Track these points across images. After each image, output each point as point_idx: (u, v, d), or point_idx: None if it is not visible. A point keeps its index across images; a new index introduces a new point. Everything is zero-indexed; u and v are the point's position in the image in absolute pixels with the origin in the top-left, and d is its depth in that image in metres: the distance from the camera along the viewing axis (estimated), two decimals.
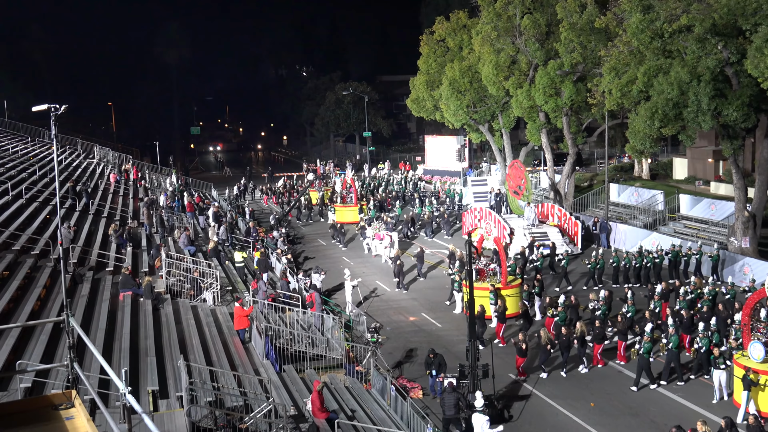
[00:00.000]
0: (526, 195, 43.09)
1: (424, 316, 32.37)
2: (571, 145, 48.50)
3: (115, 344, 21.42)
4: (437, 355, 23.60)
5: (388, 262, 40.40)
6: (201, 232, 44.74)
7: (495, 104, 53.80)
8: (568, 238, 42.28)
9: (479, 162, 74.88)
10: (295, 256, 44.08)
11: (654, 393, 23.24)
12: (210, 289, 29.20)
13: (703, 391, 23.14)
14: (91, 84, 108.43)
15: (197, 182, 71.83)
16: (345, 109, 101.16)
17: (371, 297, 35.40)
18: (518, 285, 31.74)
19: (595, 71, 43.58)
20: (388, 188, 62.85)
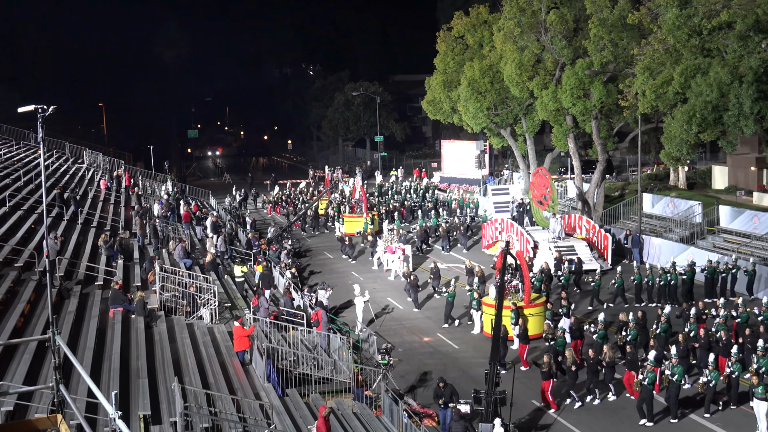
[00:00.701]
0: (552, 205, 42.98)
1: (439, 337, 32.29)
2: (601, 152, 48.37)
3: (105, 365, 21.44)
4: (447, 385, 23.41)
5: (400, 278, 40.35)
6: (198, 243, 44.83)
7: (518, 106, 53.75)
8: (597, 253, 42.12)
9: (500, 169, 74.79)
10: (300, 270, 44.11)
11: (692, 424, 23.05)
12: (207, 306, 29.22)
13: (745, 421, 22.95)
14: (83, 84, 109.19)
15: (194, 190, 72.07)
16: (355, 111, 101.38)
17: (382, 315, 35.35)
18: (542, 303, 31.62)
19: (628, 71, 43.50)
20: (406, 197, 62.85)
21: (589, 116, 47.04)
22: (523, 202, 51.76)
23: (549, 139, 63.34)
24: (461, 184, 70.99)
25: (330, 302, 34.99)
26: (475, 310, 32.56)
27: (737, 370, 23.60)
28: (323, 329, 28.68)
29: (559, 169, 69.98)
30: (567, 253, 40.73)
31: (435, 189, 68.35)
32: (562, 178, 65.88)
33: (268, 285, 35.40)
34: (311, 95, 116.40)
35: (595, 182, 49.52)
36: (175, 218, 47.61)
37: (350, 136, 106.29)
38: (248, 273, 39.26)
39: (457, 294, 34.06)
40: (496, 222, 46.38)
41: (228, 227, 49.88)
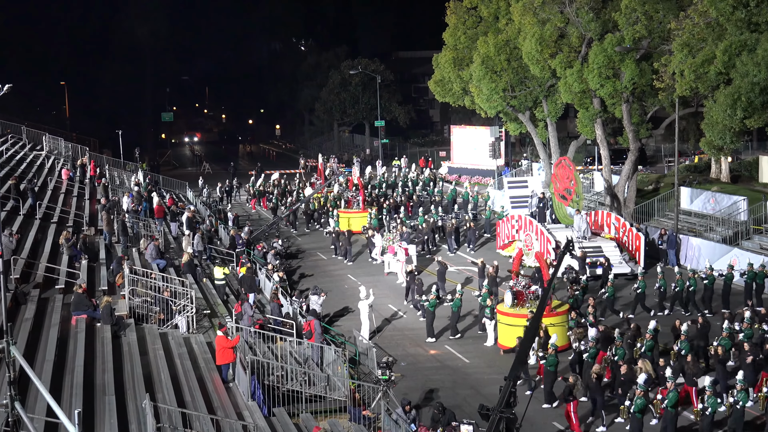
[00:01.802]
0: (576, 200, 42.94)
1: (447, 349, 32.25)
2: (633, 140, 48.31)
3: (66, 379, 21.42)
4: (445, 411, 23.40)
5: (403, 282, 40.34)
6: (173, 242, 44.78)
7: (538, 88, 53.66)
8: (628, 255, 42.10)
9: (518, 159, 74.74)
10: (289, 273, 44.08)
11: None
12: (183, 313, 29.19)
13: None
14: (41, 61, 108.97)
15: (169, 181, 72.02)
16: (352, 92, 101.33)
17: (384, 324, 35.34)
18: (565, 312, 31.59)
19: (664, 48, 43.41)
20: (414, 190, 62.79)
21: (620, 99, 46.96)
22: (543, 196, 51.72)
23: (573, 125, 63.25)
24: (473, 175, 70.95)
25: (323, 309, 34.99)
26: (489, 320, 32.53)
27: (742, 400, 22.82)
28: (317, 340, 28.65)
29: (584, 159, 69.89)
30: (593, 255, 40.70)
31: (442, 181, 68.26)
32: (588, 169, 65.78)
33: (250, 289, 35.38)
34: (303, 74, 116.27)
35: (625, 174, 49.45)
36: (147, 213, 47.58)
37: (347, 121, 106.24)
38: (230, 275, 39.25)
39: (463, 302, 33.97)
40: (513, 219, 46.34)
41: (207, 223, 49.85)
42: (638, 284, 35.03)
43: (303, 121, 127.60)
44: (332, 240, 49.50)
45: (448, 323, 34.16)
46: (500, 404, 18.85)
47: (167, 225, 47.37)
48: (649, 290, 35.07)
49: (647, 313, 34.27)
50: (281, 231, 54.76)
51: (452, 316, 33.58)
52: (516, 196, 55.84)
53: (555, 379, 26.45)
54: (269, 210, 62.67)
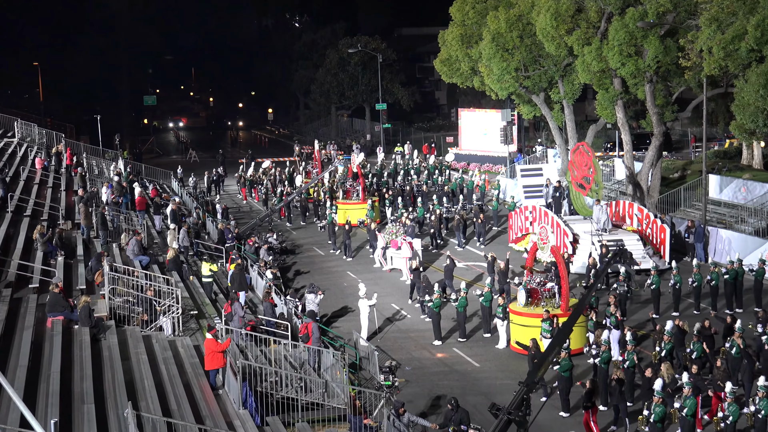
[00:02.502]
0: (596, 189, 42.89)
1: (456, 352, 32.26)
2: (657, 123, 48.24)
3: (41, 386, 21.42)
4: (460, 408, 23.39)
5: (406, 280, 40.36)
6: (157, 236, 44.75)
7: (554, 67, 53.58)
8: (652, 249, 42.07)
9: (532, 145, 74.71)
10: (284, 269, 44.08)
11: None
12: (168, 314, 29.19)
13: None
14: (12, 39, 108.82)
15: (152, 170, 72.05)
16: (351, 73, 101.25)
17: (386, 325, 35.35)
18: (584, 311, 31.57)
19: (690, 23, 43.31)
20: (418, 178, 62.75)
21: (642, 79, 46.88)
22: (559, 185, 51.66)
23: (592, 108, 63.13)
24: (483, 162, 70.91)
25: (321, 309, 34.97)
26: (500, 320, 32.54)
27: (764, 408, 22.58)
28: (314, 344, 28.63)
29: (604, 145, 69.82)
30: (614, 249, 40.65)
31: (447, 169, 68.16)
32: (608, 155, 65.74)
33: (241, 287, 35.35)
34: (298, 53, 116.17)
35: (649, 161, 49.40)
36: (128, 205, 47.55)
37: (345, 104, 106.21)
38: (219, 273, 39.24)
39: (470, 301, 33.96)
40: (527, 210, 46.30)
41: (194, 216, 49.84)
42: (673, 279, 35.01)
43: (297, 105, 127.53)
44: (329, 234, 49.47)
45: (455, 324, 34.15)
46: (511, 405, 18.85)
47: (150, 218, 47.33)
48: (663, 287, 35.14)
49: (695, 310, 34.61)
50: (274, 224, 54.78)
51: (459, 317, 33.57)
52: (530, 185, 55.81)
53: (571, 384, 26.45)
54: (261, 201, 62.69)
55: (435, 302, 33.34)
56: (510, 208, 50.91)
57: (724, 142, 65.64)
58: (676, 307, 34.90)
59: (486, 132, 71.93)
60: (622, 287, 34.18)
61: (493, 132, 69.30)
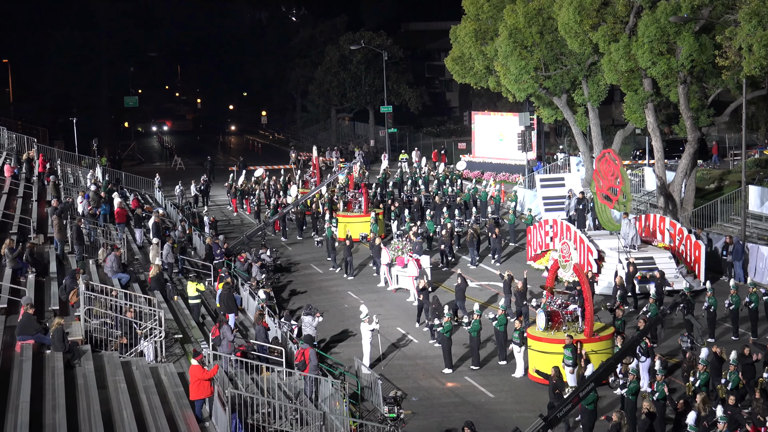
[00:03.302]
0: (623, 202, 42.84)
1: (468, 381, 32.21)
2: (691, 129, 48.21)
3: (8, 418, 21.39)
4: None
5: (414, 302, 40.30)
6: (138, 252, 44.73)
7: (577, 66, 53.57)
8: (686, 267, 42.00)
9: (553, 152, 74.64)
10: (278, 289, 44.03)
11: None
12: (150, 338, 29.18)
13: None
14: None
15: (133, 178, 72.04)
16: (353, 72, 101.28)
17: (391, 351, 35.31)
18: (610, 337, 31.51)
19: (728, 18, 43.30)
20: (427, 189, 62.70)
21: (675, 79, 46.86)
22: (583, 197, 51.61)
23: (619, 111, 63.08)
24: (498, 171, 70.83)
25: (319, 333, 34.93)
26: (518, 345, 32.47)
27: None
28: (311, 371, 28.62)
29: (633, 152, 69.74)
30: (644, 268, 40.61)
31: (459, 178, 68.03)
32: (637, 164, 65.64)
33: (230, 309, 35.32)
34: (294, 50, 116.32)
35: (682, 170, 49.33)
36: (107, 217, 47.57)
37: (347, 106, 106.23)
38: (206, 293, 39.22)
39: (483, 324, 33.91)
40: (547, 224, 46.25)
41: (179, 230, 49.85)
42: (708, 301, 34.91)
43: (294, 107, 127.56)
44: (328, 250, 49.44)
45: (467, 350, 34.10)
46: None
47: (131, 232, 47.33)
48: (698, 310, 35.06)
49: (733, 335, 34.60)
50: (268, 239, 54.72)
51: (471, 342, 33.51)
52: (550, 196, 55.71)
53: (595, 418, 26.39)
54: (253, 214, 62.67)
55: (445, 326, 33.28)
56: (528, 222, 50.79)
57: (765, 150, 65.58)
58: (711, 332, 34.81)
59: (502, 138, 71.88)
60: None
61: (509, 138, 69.25)
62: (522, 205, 58.66)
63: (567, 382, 29.33)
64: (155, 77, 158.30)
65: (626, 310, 35.95)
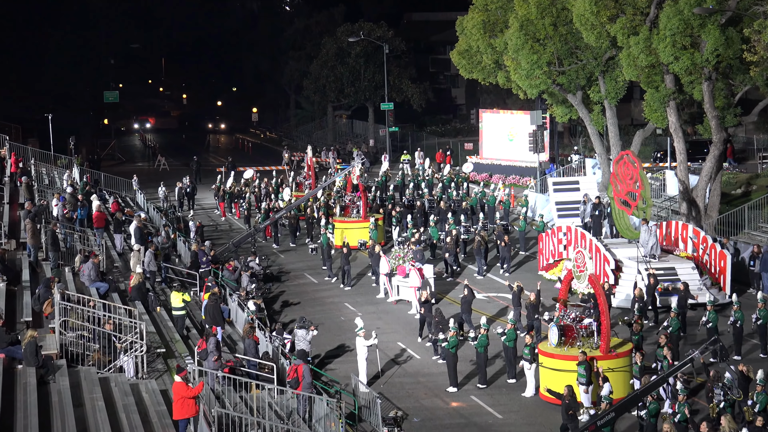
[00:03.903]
0: (643, 207, 42.83)
1: (474, 401, 32.17)
2: (716, 129, 48.18)
3: None
4: None
5: (416, 315, 40.25)
6: (118, 259, 44.68)
7: (593, 61, 53.56)
8: (710, 279, 41.96)
9: (567, 153, 74.61)
10: (269, 300, 43.98)
11: None
12: (131, 352, 29.13)
13: None
14: None
15: (113, 180, 71.99)
16: (352, 66, 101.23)
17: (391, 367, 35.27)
18: (628, 353, 31.46)
19: (757, 10, 43.31)
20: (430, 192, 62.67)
21: (699, 76, 46.86)
22: (599, 202, 51.59)
23: (639, 110, 63.07)
24: (508, 174, 70.81)
25: (313, 347, 34.89)
26: (528, 362, 32.43)
27: None
28: (305, 389, 28.58)
29: (653, 154, 69.72)
30: (665, 279, 40.58)
31: (465, 181, 67.96)
32: (657, 167, 65.63)
33: (216, 320, 35.26)
34: (288, 42, 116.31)
35: (707, 174, 49.30)
36: (84, 222, 47.52)
37: (345, 103, 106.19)
38: (192, 303, 39.18)
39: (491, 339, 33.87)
40: (560, 231, 46.23)
41: (162, 235, 49.80)
42: (734, 316, 34.84)
43: (287, 104, 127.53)
44: (324, 258, 49.39)
45: (474, 368, 34.05)
46: None
47: (110, 237, 47.28)
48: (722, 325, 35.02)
49: None
50: (258, 246, 54.68)
51: (478, 359, 33.46)
52: (564, 201, 55.66)
53: None
54: (242, 218, 62.62)
55: (450, 341, 33.21)
56: (540, 229, 50.80)
57: None
58: (737, 349, 34.76)
59: (512, 138, 71.90)
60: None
61: (520, 138, 69.26)
62: (533, 211, 58.62)
63: (581, 402, 29.34)
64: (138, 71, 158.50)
65: (645, 325, 35.94)
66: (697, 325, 36.33)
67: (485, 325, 33.83)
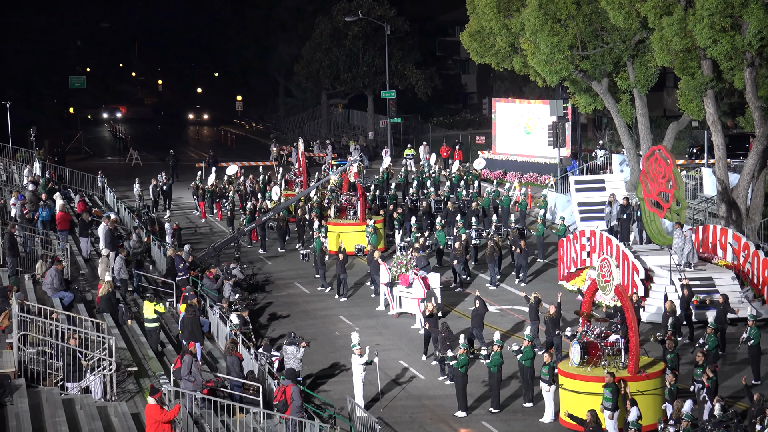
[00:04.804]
0: (676, 210, 42.85)
1: (486, 427, 32.17)
2: (760, 121, 48.21)
3: None
4: None
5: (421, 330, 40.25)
6: (84, 265, 44.68)
7: (621, 44, 53.55)
8: (752, 290, 41.95)
9: (591, 148, 74.65)
10: (255, 312, 43.96)
11: None
12: (98, 371, 29.12)
13: None
14: None
15: (80, 176, 71.99)
16: (349, 49, 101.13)
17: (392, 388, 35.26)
18: (659, 374, 31.44)
19: None
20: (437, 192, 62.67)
21: (741, 61, 46.89)
22: (627, 203, 51.59)
23: (673, 100, 63.13)
24: (524, 171, 70.83)
25: (304, 366, 34.88)
26: (547, 384, 32.41)
27: None
28: (294, 412, 28.58)
29: (688, 150, 69.73)
30: (701, 290, 40.57)
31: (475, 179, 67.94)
32: (693, 164, 65.63)
33: (194, 335, 35.24)
34: (276, 22, 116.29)
35: (749, 172, 49.32)
36: (47, 223, 47.51)
37: (341, 91, 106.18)
38: (167, 316, 39.17)
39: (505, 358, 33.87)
40: (583, 236, 46.23)
41: (134, 239, 49.79)
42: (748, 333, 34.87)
43: (276, 91, 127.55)
44: (317, 265, 49.34)
45: (486, 390, 34.05)
46: None
47: (76, 241, 47.28)
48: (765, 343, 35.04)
49: None
50: (243, 251, 54.67)
51: (491, 380, 33.42)
52: (587, 202, 55.68)
53: None
54: (225, 220, 62.63)
55: (460, 360, 33.16)
56: (560, 234, 50.84)
57: None
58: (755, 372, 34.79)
59: (529, 130, 71.99)
60: (711, 340, 33.72)
61: (538, 131, 69.36)
62: (553, 213, 58.68)
63: (606, 430, 29.32)
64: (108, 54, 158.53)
65: (680, 342, 35.93)
66: (737, 342, 36.28)
67: (499, 342, 33.78)
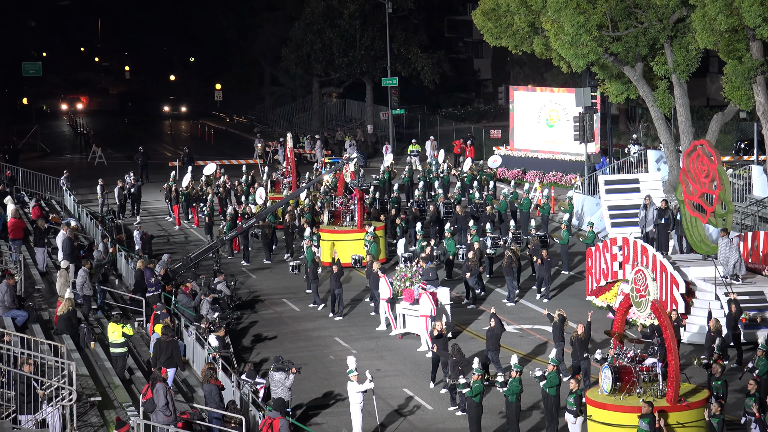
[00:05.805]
0: (721, 214, 42.85)
1: None
2: None
3: None
4: None
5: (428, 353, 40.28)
6: (40, 280, 44.69)
7: (658, 24, 53.58)
8: None
9: (623, 144, 74.68)
10: (237, 333, 43.98)
11: None
12: (57, 401, 29.14)
13: None
14: None
15: (35, 177, 72.06)
16: (345, 30, 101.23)
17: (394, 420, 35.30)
18: (703, 402, 31.41)
19: None
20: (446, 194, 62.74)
21: None
22: (665, 206, 51.61)
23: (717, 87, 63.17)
24: (547, 170, 70.84)
25: (294, 395, 34.90)
26: (573, 415, 32.43)
27: None
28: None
29: (735, 145, 69.75)
30: (751, 306, 40.56)
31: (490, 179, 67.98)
32: (741, 161, 65.62)
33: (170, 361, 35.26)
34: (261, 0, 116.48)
35: None
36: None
37: (335, 78, 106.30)
38: (136, 338, 39.17)
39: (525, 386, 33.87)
40: (614, 245, 46.24)
41: (99, 249, 49.80)
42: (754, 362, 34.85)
43: (261, 79, 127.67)
44: (308, 278, 49.33)
45: (503, 422, 34.06)
46: None
47: (30, 251, 47.31)
48: None
49: None
50: (223, 262, 54.68)
51: (509, 410, 33.41)
52: (619, 206, 55.70)
53: None
54: (203, 227, 62.67)
55: (474, 387, 33.17)
56: (588, 242, 50.90)
57: None
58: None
59: (552, 123, 72.06)
60: (761, 363, 33.78)
61: (562, 123, 69.44)
62: (579, 218, 58.67)
63: None
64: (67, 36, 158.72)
65: (726, 366, 35.92)
66: None
67: (517, 367, 33.77)
